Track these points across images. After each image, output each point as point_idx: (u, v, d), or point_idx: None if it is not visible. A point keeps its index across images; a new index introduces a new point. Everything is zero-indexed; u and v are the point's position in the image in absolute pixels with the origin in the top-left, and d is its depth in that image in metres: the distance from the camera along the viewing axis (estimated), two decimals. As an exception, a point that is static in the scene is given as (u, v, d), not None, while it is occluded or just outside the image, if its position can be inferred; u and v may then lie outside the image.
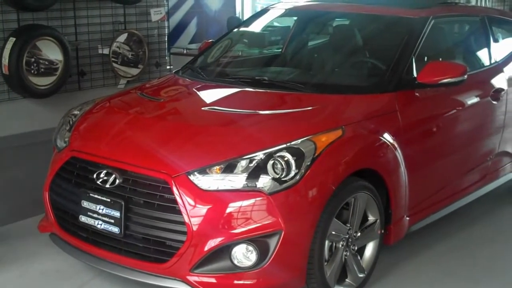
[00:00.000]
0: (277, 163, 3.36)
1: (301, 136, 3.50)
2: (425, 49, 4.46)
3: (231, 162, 3.39)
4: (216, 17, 9.01)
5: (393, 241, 4.10)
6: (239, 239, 3.32)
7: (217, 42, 5.29)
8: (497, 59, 5.21)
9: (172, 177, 3.36)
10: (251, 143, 3.49)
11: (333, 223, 3.56)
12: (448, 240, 4.72)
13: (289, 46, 5.38)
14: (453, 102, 4.60)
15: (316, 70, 4.75)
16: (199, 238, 3.30)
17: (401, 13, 4.76)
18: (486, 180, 5.10)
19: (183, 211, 3.30)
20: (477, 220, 5.12)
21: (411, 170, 4.04)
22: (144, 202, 3.43)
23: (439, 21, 4.83)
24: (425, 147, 4.29)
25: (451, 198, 4.71)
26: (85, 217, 3.59)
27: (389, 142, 3.90)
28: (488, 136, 5.04)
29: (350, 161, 3.66)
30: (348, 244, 3.74)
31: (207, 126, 3.77)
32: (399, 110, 4.04)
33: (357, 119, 3.85)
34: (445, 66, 4.39)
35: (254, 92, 4.25)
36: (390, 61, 4.29)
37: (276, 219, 3.32)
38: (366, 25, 5.01)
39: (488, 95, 4.91)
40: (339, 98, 4.09)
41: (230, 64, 5.12)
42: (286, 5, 5.66)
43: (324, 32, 5.42)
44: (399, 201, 4.04)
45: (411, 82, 4.18)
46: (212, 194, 3.34)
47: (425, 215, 4.42)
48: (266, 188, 3.33)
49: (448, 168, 4.62)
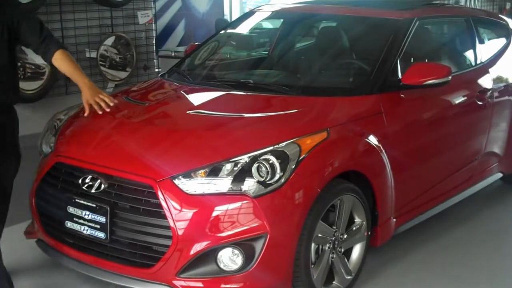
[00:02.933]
0: (262, 166, 3.36)
1: (285, 139, 3.50)
2: (410, 51, 4.47)
3: (216, 166, 3.39)
4: (204, 19, 9.02)
5: (380, 243, 4.10)
6: (224, 242, 3.32)
7: (204, 44, 5.29)
8: (483, 60, 5.23)
9: (157, 181, 3.36)
10: (236, 146, 3.49)
11: (319, 225, 3.56)
12: (435, 241, 4.73)
13: (276, 48, 5.39)
14: (439, 103, 4.61)
15: (301, 73, 4.75)
16: (184, 242, 3.30)
17: (386, 14, 4.77)
18: (473, 180, 5.12)
19: (168, 216, 3.30)
20: (465, 221, 5.13)
21: (397, 171, 4.05)
22: (129, 207, 3.43)
23: (424, 22, 4.86)
24: (411, 148, 4.29)
25: (438, 199, 4.72)
26: (71, 223, 3.58)
27: (375, 144, 3.90)
28: (475, 137, 5.05)
29: (335, 163, 3.66)
30: (335, 246, 3.74)
31: (192, 129, 3.77)
32: (384, 112, 4.05)
33: (342, 121, 3.86)
34: (429, 67, 4.41)
35: (239, 95, 4.25)
36: (375, 62, 4.30)
37: (262, 223, 3.32)
38: (352, 27, 5.02)
39: (474, 96, 4.92)
40: (324, 100, 4.09)
41: (216, 67, 5.12)
42: (273, 7, 5.67)
43: (310, 34, 5.43)
44: (386, 203, 4.04)
45: (396, 83, 4.19)
46: (197, 198, 3.34)
47: (412, 216, 4.43)
48: (251, 191, 3.33)
49: (435, 169, 4.64)
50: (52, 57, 3.76)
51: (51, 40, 3.79)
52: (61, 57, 3.79)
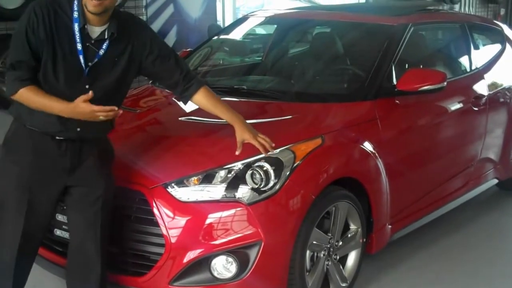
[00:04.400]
0: (255, 173, 3.32)
1: (279, 146, 3.46)
2: (405, 56, 4.45)
3: (209, 173, 3.35)
4: (197, 25, 8.98)
5: (376, 250, 4.07)
6: (218, 250, 3.27)
7: (196, 50, 5.25)
8: (478, 66, 5.21)
9: (149, 188, 3.31)
10: (229, 153, 3.43)
11: (314, 232, 3.52)
12: (431, 247, 4.70)
13: (269, 54, 5.36)
14: (434, 109, 4.59)
15: (296, 79, 4.71)
16: (177, 250, 3.25)
17: (381, 20, 4.75)
18: (469, 186, 5.09)
19: (160, 223, 3.25)
20: (460, 227, 5.11)
21: (392, 177, 4.01)
22: (122, 215, 3.38)
23: (419, 28, 4.84)
24: (406, 155, 4.27)
25: (434, 205, 4.69)
26: (60, 231, 3.52)
27: (370, 150, 3.87)
28: (470, 143, 5.03)
29: (330, 169, 3.63)
30: (330, 253, 3.70)
31: (184, 136, 3.73)
32: (379, 118, 4.02)
33: (336, 127, 3.83)
34: (424, 73, 4.38)
35: (233, 101, 4.20)
36: (370, 68, 4.27)
37: (256, 230, 3.27)
38: (346, 32, 5.00)
39: (469, 102, 4.90)
40: (319, 106, 4.06)
41: (209, 73, 5.08)
42: (266, 12, 5.65)
43: (304, 40, 5.40)
44: (381, 209, 4.01)
45: (391, 89, 4.16)
46: (190, 206, 3.29)
47: (408, 223, 4.40)
48: (245, 198, 3.29)
49: (430, 175, 4.61)
50: (192, 97, 3.35)
51: (191, 75, 3.37)
52: (205, 95, 3.35)
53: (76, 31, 2.99)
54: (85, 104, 2.94)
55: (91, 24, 3.02)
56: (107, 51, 3.07)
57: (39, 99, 2.97)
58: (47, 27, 2.95)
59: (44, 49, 2.96)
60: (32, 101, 2.99)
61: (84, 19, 2.99)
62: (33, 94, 2.97)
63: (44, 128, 3.06)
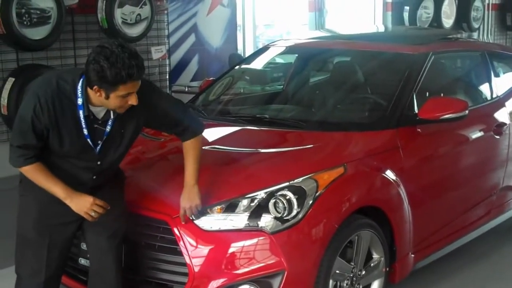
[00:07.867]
0: (278, 202, 3.33)
1: (302, 174, 3.47)
2: (426, 85, 4.46)
3: (233, 202, 3.36)
4: (218, 54, 9.04)
5: (399, 279, 4.04)
6: (241, 279, 3.27)
7: (218, 79, 5.29)
8: (499, 94, 5.20)
9: (173, 217, 3.33)
10: (252, 182, 3.46)
11: (336, 261, 3.51)
12: (454, 277, 4.65)
13: (290, 83, 5.39)
14: (456, 138, 4.58)
15: (317, 107, 4.74)
16: (201, 279, 3.26)
17: (401, 49, 4.77)
18: (491, 215, 5.05)
19: (184, 252, 3.26)
20: (482, 257, 5.05)
21: (415, 206, 4.00)
22: (144, 244, 3.39)
23: (439, 57, 4.85)
24: (428, 183, 4.25)
25: (457, 234, 4.66)
26: (84, 260, 3.54)
27: (392, 178, 3.86)
28: (492, 171, 5.00)
29: (353, 198, 3.63)
30: (353, 283, 3.68)
31: (207, 165, 3.73)
32: (401, 147, 4.02)
33: (359, 156, 3.83)
34: (446, 101, 4.37)
35: (255, 130, 4.24)
36: (391, 97, 4.28)
37: (279, 259, 3.27)
38: (366, 61, 5.01)
39: (491, 130, 4.88)
40: (341, 135, 4.07)
41: (231, 102, 5.12)
42: (287, 42, 5.68)
43: (324, 69, 5.43)
44: (404, 238, 3.99)
45: (413, 118, 4.17)
46: (214, 235, 3.31)
47: (431, 252, 4.36)
48: (268, 227, 3.30)
49: (452, 203, 4.58)
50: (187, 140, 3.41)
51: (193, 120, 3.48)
52: (194, 145, 3.42)
53: (81, 117, 3.04)
54: (91, 198, 3.09)
55: (96, 106, 3.06)
56: (113, 126, 3.13)
57: (43, 180, 3.09)
58: (52, 116, 3.00)
59: (50, 132, 3.02)
60: (37, 180, 3.10)
61: (88, 108, 3.04)
62: (38, 174, 3.08)
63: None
